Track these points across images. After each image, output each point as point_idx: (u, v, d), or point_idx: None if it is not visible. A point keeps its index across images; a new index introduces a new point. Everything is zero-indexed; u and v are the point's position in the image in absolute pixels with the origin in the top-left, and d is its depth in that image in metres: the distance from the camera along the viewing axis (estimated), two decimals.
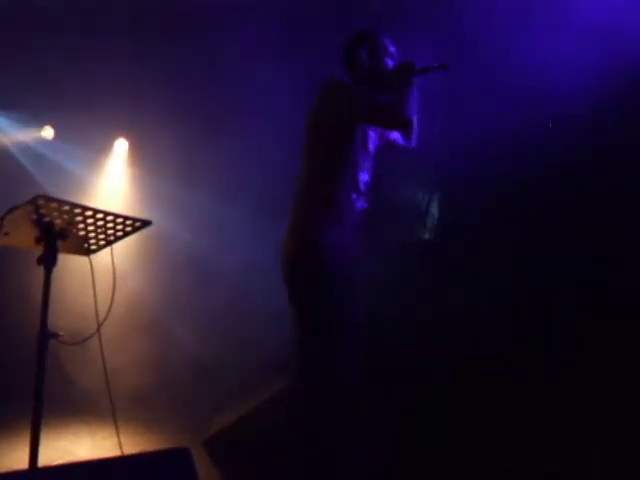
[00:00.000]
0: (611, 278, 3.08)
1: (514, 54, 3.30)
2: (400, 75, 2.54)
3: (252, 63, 4.50)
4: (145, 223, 2.12)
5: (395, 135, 2.85)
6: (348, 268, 2.52)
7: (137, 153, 6.00)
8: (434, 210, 3.90)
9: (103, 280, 2.22)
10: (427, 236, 4.03)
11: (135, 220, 2.09)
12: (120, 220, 2.05)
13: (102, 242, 2.16)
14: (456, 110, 3.31)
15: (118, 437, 2.33)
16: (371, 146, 2.70)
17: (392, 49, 2.73)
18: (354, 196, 2.57)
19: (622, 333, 2.93)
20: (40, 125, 5.58)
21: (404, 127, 2.45)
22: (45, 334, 1.88)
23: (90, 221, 1.99)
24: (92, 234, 2.08)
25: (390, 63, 2.70)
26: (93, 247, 2.19)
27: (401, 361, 3.25)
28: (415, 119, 2.73)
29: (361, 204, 2.61)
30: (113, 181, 6.04)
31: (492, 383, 3.09)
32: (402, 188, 4.03)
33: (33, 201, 1.81)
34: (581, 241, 3.21)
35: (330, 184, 2.53)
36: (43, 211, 1.85)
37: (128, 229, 2.12)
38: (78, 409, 4.73)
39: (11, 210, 1.83)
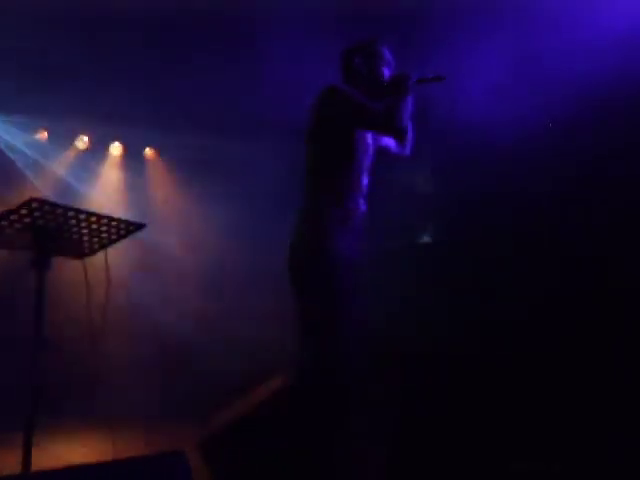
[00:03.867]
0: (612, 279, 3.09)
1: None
2: (395, 85, 2.56)
3: (256, 67, 4.48)
4: (139, 226, 2.11)
5: (388, 141, 2.86)
6: (352, 271, 2.52)
7: (131, 157, 6.00)
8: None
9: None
10: (429, 238, 4.04)
11: (129, 223, 2.09)
12: (114, 223, 2.05)
13: (96, 245, 2.16)
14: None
15: (112, 441, 2.32)
16: (369, 148, 2.71)
17: (389, 57, 2.76)
18: (359, 200, 2.59)
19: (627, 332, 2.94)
20: (35, 128, 5.56)
21: (399, 134, 2.47)
22: (39, 338, 1.88)
23: (84, 224, 1.99)
24: (86, 237, 2.07)
25: (387, 71, 2.73)
26: (87, 250, 2.18)
27: (402, 361, 3.25)
28: (409, 126, 2.73)
29: (363, 207, 2.63)
30: (107, 184, 6.02)
31: (493, 383, 3.09)
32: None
33: (27, 204, 1.80)
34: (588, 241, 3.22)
35: (339, 187, 2.53)
36: (37, 214, 1.85)
37: (122, 232, 2.11)
38: (72, 413, 4.71)
39: (5, 213, 1.82)
